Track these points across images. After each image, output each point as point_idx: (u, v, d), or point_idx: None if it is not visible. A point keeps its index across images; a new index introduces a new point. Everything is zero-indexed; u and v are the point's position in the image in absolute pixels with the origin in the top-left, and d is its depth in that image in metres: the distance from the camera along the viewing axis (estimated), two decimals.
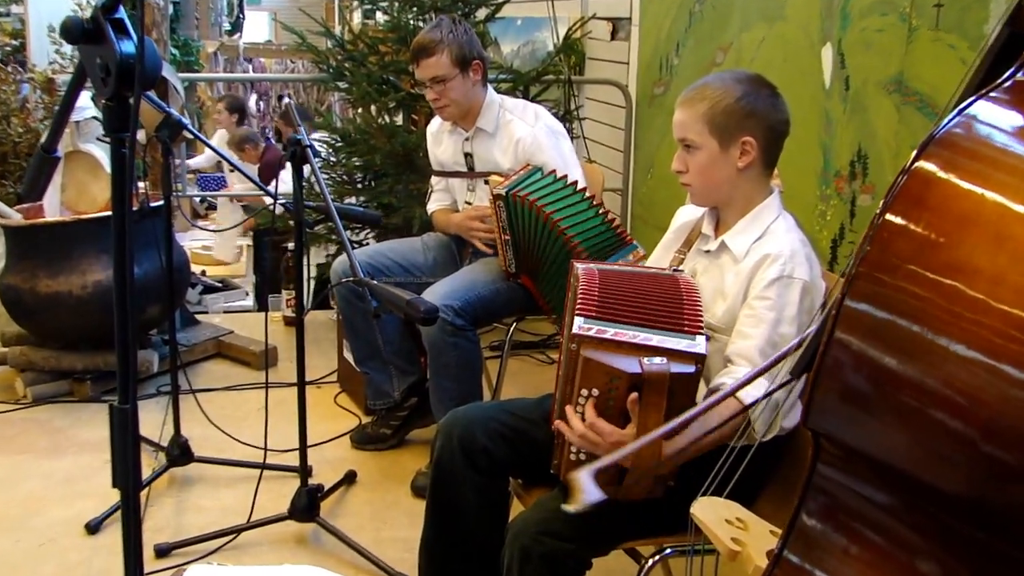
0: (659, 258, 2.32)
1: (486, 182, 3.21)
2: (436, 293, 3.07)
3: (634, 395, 1.77)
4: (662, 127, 4.59)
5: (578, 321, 1.86)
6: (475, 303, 3.10)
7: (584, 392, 1.83)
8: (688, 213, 2.32)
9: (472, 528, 2.25)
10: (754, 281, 2.01)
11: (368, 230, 4.75)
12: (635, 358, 1.78)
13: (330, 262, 4.32)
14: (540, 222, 2.88)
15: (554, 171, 3.08)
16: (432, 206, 3.65)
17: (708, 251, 2.15)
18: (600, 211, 2.93)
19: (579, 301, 1.90)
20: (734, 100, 2.03)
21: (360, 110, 4.86)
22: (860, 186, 2.95)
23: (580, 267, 2.06)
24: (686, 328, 1.85)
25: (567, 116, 4.89)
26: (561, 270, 2.89)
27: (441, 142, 3.51)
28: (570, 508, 1.34)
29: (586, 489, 1.33)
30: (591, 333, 1.84)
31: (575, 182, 3.01)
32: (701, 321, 1.88)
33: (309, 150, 2.60)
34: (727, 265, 2.10)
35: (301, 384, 2.79)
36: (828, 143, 3.11)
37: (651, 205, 4.77)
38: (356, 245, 4.57)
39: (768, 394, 1.57)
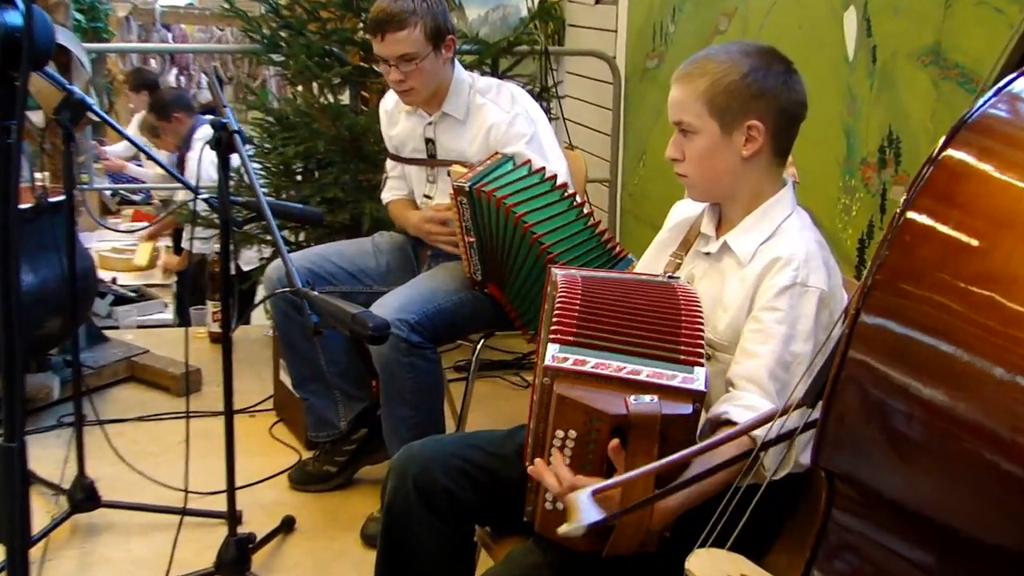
0: (651, 261, 2.32)
1: (449, 173, 3.21)
2: (389, 305, 3.06)
3: (615, 442, 1.75)
4: (656, 106, 4.60)
5: (552, 350, 1.84)
6: (435, 316, 3.10)
7: (560, 434, 1.81)
8: (686, 209, 2.32)
9: None
10: (761, 289, 2.02)
11: (309, 230, 4.73)
12: (620, 396, 1.76)
13: (265, 266, 4.30)
14: (508, 224, 2.88)
15: (528, 161, 3.08)
16: (387, 195, 3.64)
17: (708, 253, 2.16)
18: (584, 211, 2.92)
19: (555, 321, 1.88)
20: (739, 77, 2.03)
21: (299, 87, 4.84)
22: (892, 176, 2.97)
23: (559, 274, 2.05)
24: (682, 356, 1.83)
25: (544, 94, 4.90)
26: (536, 281, 2.88)
27: (397, 122, 3.49)
28: (565, 530, 1.34)
29: (583, 508, 1.32)
30: (567, 365, 1.81)
31: (554, 176, 3.00)
32: (702, 347, 1.86)
33: (238, 136, 2.59)
34: (730, 270, 2.10)
35: (229, 413, 2.77)
36: (852, 125, 3.13)
37: (643, 198, 4.78)
38: (295, 248, 4.56)
39: (780, 437, 1.56)
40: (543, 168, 3.04)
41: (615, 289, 2.01)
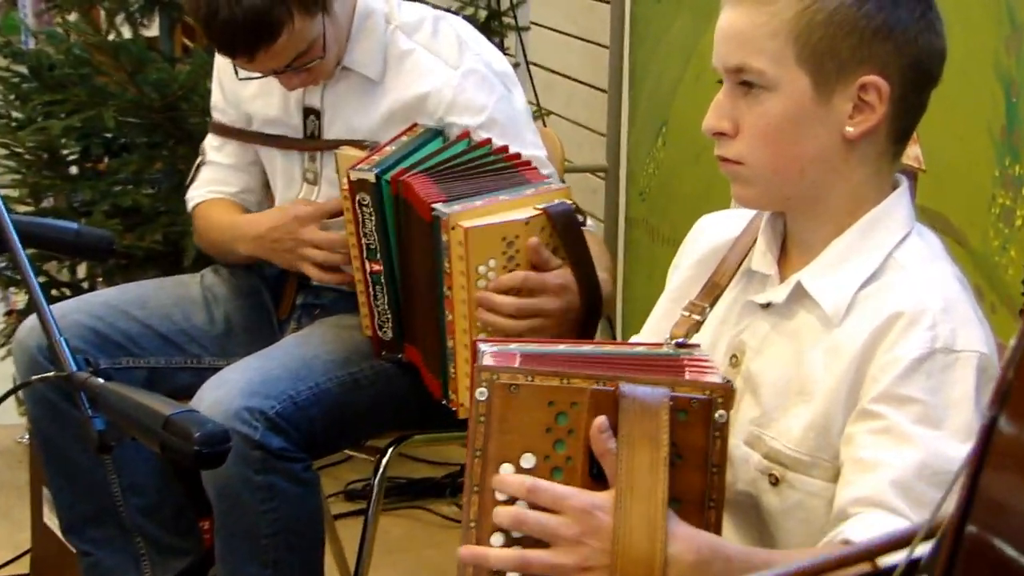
0: (664, 322, 2.34)
1: (336, 159, 3.20)
2: (231, 384, 3.08)
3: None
4: (685, 42, 4.63)
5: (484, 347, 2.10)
6: (310, 406, 3.12)
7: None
8: (718, 229, 2.36)
9: None
10: (875, 367, 2.00)
11: (93, 263, 4.73)
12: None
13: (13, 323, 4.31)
14: None
15: (467, 134, 3.10)
16: (199, 193, 3.64)
17: (768, 304, 2.16)
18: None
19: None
20: (854, 1, 2.03)
21: (72, 15, 4.84)
22: None
23: (487, 351, 2.10)
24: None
25: (493, 24, 4.91)
26: None
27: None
28: None
29: None
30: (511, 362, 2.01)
31: (515, 156, 3.03)
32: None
33: None
34: (809, 332, 2.10)
35: None
36: (1014, 74, 3.17)
37: (665, 200, 4.81)
38: (71, 291, 4.56)
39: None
40: (488, 141, 3.09)
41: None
